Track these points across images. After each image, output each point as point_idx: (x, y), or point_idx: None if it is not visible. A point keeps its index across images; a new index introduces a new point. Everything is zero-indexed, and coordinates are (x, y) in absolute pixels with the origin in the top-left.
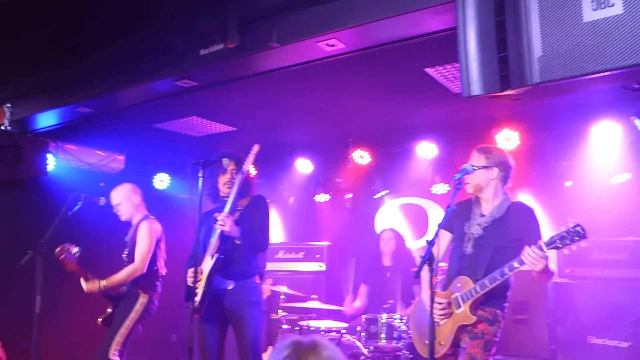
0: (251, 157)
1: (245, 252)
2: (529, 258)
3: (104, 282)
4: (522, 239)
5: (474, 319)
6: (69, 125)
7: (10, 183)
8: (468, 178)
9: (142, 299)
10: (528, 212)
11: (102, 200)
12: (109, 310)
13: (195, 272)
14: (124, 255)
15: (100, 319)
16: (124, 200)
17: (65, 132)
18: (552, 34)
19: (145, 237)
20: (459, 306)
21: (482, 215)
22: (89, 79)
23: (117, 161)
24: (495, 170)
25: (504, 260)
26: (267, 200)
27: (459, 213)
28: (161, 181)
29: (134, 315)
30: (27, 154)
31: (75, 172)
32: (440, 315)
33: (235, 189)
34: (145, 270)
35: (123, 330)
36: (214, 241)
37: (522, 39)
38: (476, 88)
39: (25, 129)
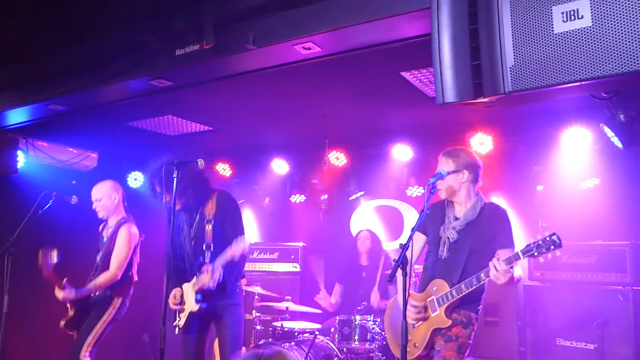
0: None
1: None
2: (494, 272)
3: (80, 290)
4: (494, 241)
5: (449, 322)
6: (40, 122)
7: None
8: (439, 184)
9: (116, 301)
10: (500, 213)
11: (74, 199)
12: (71, 313)
13: (168, 287)
14: (98, 258)
15: (62, 322)
16: (105, 197)
17: (37, 128)
18: (524, 44)
19: (124, 244)
20: (434, 309)
21: (456, 219)
22: (61, 76)
23: (90, 159)
24: (465, 172)
25: (479, 264)
26: (233, 197)
27: (432, 216)
28: (135, 180)
29: (106, 317)
30: None
31: (46, 170)
32: (415, 318)
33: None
34: (120, 277)
35: (95, 332)
36: (197, 281)
37: (495, 48)
38: (450, 95)
39: None
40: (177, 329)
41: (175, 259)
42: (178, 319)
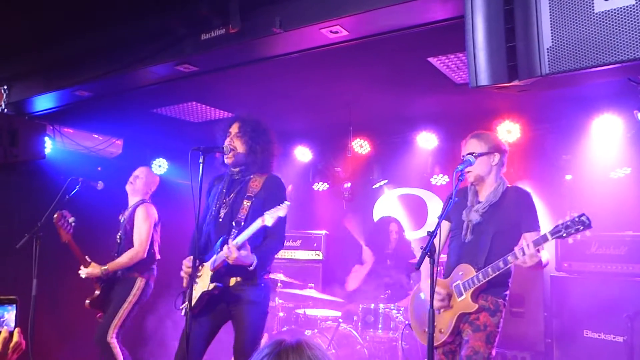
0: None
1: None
2: (521, 255)
3: (104, 267)
4: (519, 224)
5: (475, 306)
6: (66, 109)
7: (5, 166)
8: (469, 167)
9: (140, 283)
10: (525, 196)
11: (100, 185)
12: (97, 292)
13: (194, 266)
14: (118, 237)
15: (87, 301)
16: (144, 178)
17: (63, 115)
18: (562, 24)
19: (143, 221)
20: (460, 294)
21: (479, 202)
22: (87, 61)
23: (115, 145)
24: (497, 155)
25: (504, 246)
26: (283, 183)
27: (460, 201)
28: (159, 166)
29: (131, 299)
30: (23, 137)
31: (72, 156)
32: (438, 306)
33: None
34: (145, 255)
35: (121, 314)
36: (217, 258)
37: (532, 29)
38: (484, 78)
39: (22, 112)
40: (183, 311)
41: (201, 235)
42: (187, 301)
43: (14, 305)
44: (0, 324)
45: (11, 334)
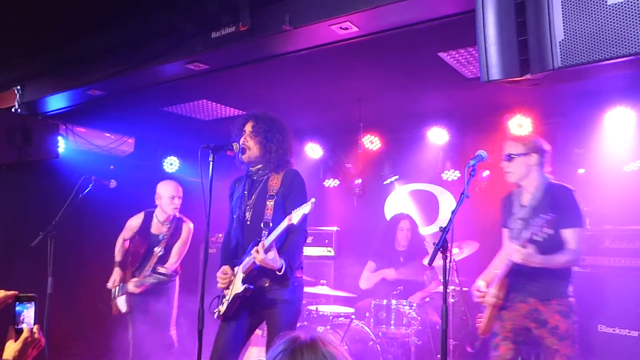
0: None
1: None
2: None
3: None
4: (557, 223)
5: None
6: (79, 108)
7: (20, 165)
8: (508, 167)
9: (177, 282)
10: (566, 193)
11: (112, 183)
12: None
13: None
14: (157, 250)
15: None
16: (180, 196)
17: (75, 114)
18: (575, 17)
19: (187, 240)
20: None
21: (523, 207)
22: (99, 61)
23: (126, 144)
24: (534, 156)
25: (548, 247)
26: (302, 177)
27: (504, 208)
28: (170, 164)
29: (176, 295)
30: (36, 137)
31: (85, 155)
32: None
33: (275, 232)
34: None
35: (174, 308)
36: (248, 261)
37: (544, 22)
38: (495, 72)
39: (35, 112)
40: (216, 314)
41: (230, 240)
42: (221, 304)
43: (33, 302)
44: (21, 321)
45: (31, 331)
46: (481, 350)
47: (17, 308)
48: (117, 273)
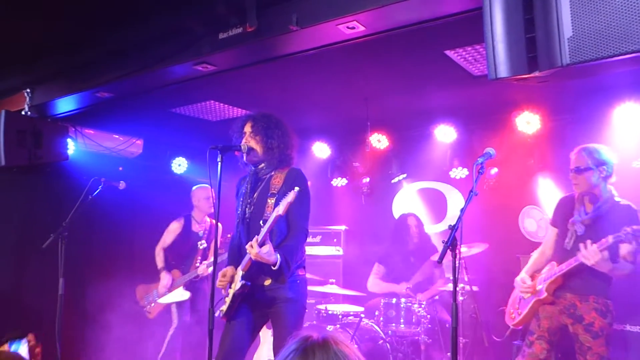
0: None
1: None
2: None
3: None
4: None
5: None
6: (87, 110)
7: (30, 168)
8: (575, 179)
9: None
10: (630, 214)
11: (122, 184)
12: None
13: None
14: (200, 244)
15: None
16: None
17: (84, 116)
18: (583, 13)
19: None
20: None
21: (586, 213)
22: (107, 63)
23: (135, 145)
24: (602, 169)
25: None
26: (304, 176)
27: (562, 209)
28: (179, 165)
29: None
30: (46, 139)
31: (94, 157)
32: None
33: (269, 222)
34: None
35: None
36: (246, 257)
37: (552, 18)
38: (503, 70)
39: (44, 114)
40: (218, 313)
41: (236, 237)
42: (224, 304)
43: (25, 338)
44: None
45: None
46: (497, 344)
47: (12, 347)
48: (166, 278)
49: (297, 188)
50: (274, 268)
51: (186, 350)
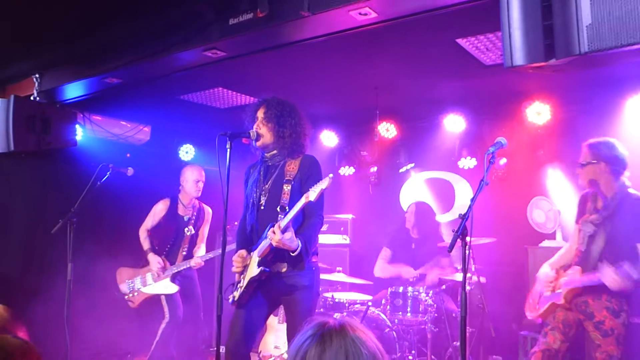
0: None
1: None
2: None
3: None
4: (633, 236)
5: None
6: (95, 96)
7: (39, 153)
8: (580, 174)
9: None
10: None
11: (130, 171)
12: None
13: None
14: (187, 230)
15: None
16: (202, 183)
17: (92, 103)
18: (603, 0)
19: (209, 222)
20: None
21: (597, 211)
22: (116, 49)
23: (143, 132)
24: (602, 164)
25: (617, 257)
26: (318, 163)
27: (579, 206)
28: (186, 152)
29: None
30: (55, 125)
31: (102, 143)
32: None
33: (294, 210)
34: None
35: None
36: (264, 244)
37: (570, 6)
38: (519, 58)
39: (53, 100)
40: (231, 299)
41: (246, 224)
42: (236, 290)
43: None
44: None
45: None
46: (504, 335)
47: None
48: (155, 258)
49: (331, 175)
50: (293, 254)
51: (180, 343)
